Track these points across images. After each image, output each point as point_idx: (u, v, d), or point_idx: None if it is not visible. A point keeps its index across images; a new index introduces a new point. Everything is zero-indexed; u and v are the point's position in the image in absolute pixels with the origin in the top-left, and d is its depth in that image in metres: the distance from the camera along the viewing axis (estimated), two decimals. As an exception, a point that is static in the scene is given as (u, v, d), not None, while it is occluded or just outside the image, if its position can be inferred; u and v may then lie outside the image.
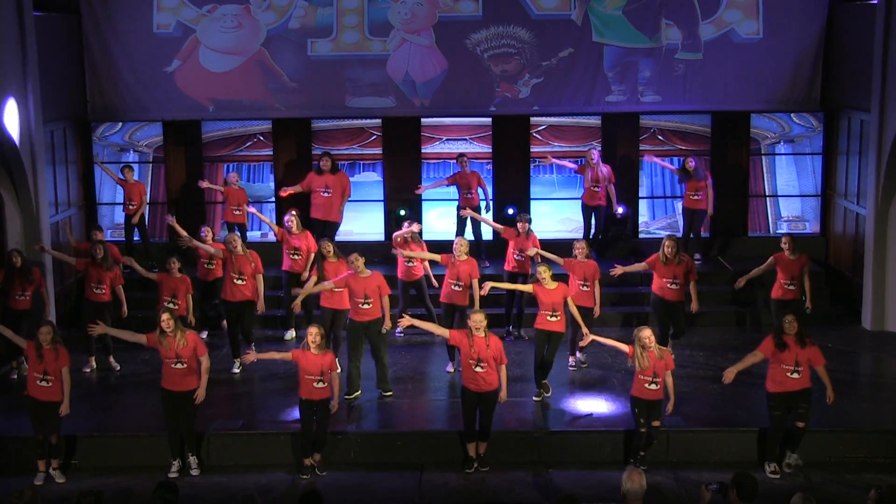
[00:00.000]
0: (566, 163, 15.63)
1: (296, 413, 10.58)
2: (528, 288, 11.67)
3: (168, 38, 15.76)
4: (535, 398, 11.51)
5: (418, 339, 13.67)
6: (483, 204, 15.25)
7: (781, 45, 15.69)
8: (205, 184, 15.29)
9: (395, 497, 9.82)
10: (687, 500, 9.65)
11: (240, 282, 12.34)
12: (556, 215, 16.34)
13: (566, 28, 15.78)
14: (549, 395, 11.56)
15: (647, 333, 9.96)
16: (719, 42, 15.75)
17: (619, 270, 12.54)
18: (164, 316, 10.09)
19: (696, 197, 15.18)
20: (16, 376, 12.46)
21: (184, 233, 13.26)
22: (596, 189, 15.20)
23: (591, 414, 11.15)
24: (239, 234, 14.44)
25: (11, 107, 13.00)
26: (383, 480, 10.14)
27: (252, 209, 14.76)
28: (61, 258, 13.41)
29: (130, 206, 15.14)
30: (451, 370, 12.41)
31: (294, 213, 13.57)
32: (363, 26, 15.79)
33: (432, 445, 10.63)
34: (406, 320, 10.53)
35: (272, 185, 16.19)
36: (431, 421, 11.25)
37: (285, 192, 14.95)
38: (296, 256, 13.34)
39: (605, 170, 15.20)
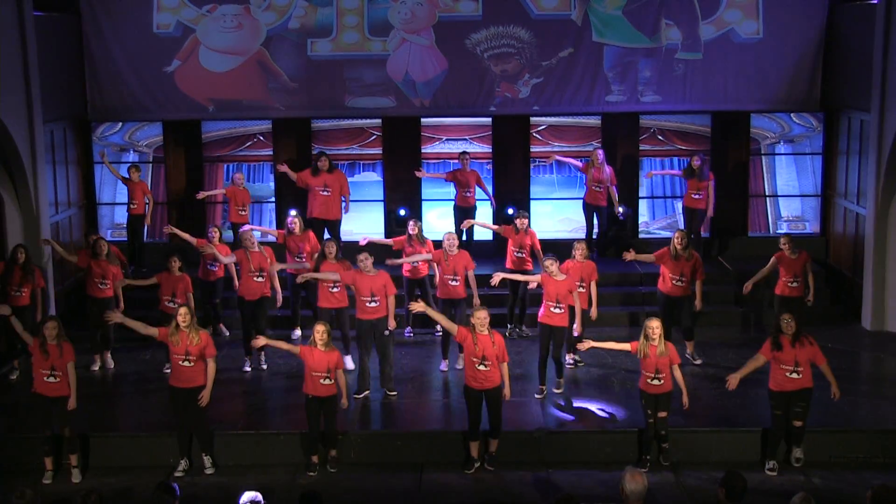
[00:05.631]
0: (571, 160, 15.63)
1: (297, 413, 10.59)
2: (536, 278, 11.71)
3: (168, 38, 15.76)
4: (536, 395, 11.52)
5: (419, 339, 13.67)
6: (488, 203, 15.27)
7: (781, 45, 15.69)
8: (202, 194, 15.26)
9: (395, 497, 9.83)
10: (687, 501, 9.65)
11: (259, 279, 12.36)
12: (556, 215, 16.34)
13: (566, 28, 15.78)
14: (559, 391, 11.60)
15: (654, 324, 10.02)
16: (719, 42, 15.75)
17: (630, 255, 12.57)
18: (182, 311, 10.09)
19: (696, 196, 15.16)
20: (15, 377, 12.46)
21: (191, 238, 13.27)
22: (598, 189, 15.22)
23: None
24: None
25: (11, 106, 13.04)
26: (383, 480, 10.14)
27: (249, 226, 14.20)
28: (64, 254, 13.31)
29: (132, 206, 15.14)
30: (445, 369, 12.43)
31: (295, 213, 13.57)
32: (363, 26, 15.79)
33: (432, 445, 10.63)
34: (419, 305, 10.50)
35: (272, 185, 16.22)
36: (431, 421, 11.24)
37: (283, 167, 14.95)
38: (298, 258, 13.32)
39: (608, 171, 15.23)
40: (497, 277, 11.94)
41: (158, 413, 11.28)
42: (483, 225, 14.42)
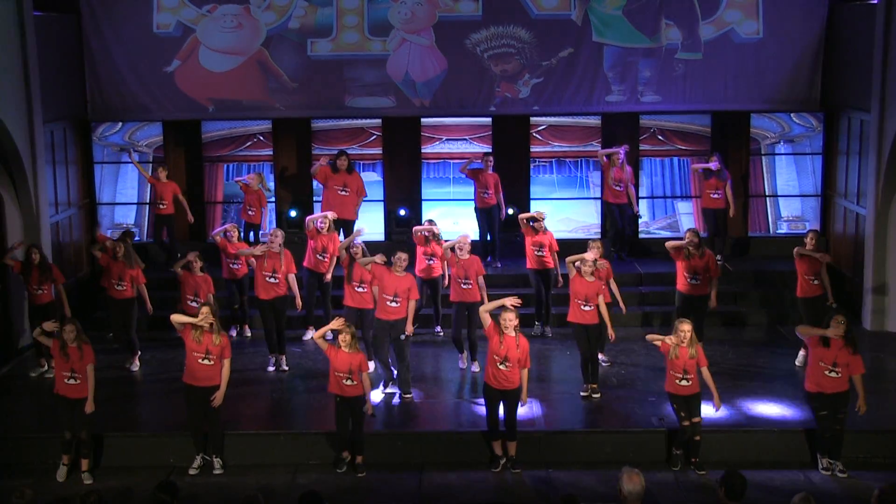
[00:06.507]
0: (603, 154, 15.34)
1: (297, 414, 10.64)
2: (571, 272, 11.69)
3: (168, 38, 15.75)
4: (582, 394, 11.58)
5: (419, 339, 13.65)
6: (504, 207, 15.20)
7: (781, 45, 15.69)
8: (252, 178, 15.20)
9: (395, 497, 9.83)
10: (687, 501, 9.65)
11: (272, 280, 12.36)
12: (555, 215, 16.30)
13: (566, 28, 15.77)
14: (598, 396, 11.57)
15: (685, 328, 10.02)
16: (719, 42, 15.74)
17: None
18: (205, 310, 10.06)
19: (715, 196, 15.13)
20: (33, 374, 12.50)
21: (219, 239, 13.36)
22: (618, 188, 15.21)
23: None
24: (252, 235, 14.60)
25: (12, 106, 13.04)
26: (383, 480, 10.15)
27: (330, 215, 13.81)
28: (100, 251, 13.14)
29: (161, 206, 15.12)
30: (464, 366, 12.57)
31: (330, 215, 13.49)
32: (363, 26, 15.78)
33: (432, 445, 10.63)
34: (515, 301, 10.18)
35: (272, 185, 16.21)
36: (432, 421, 11.23)
37: (326, 158, 14.80)
38: (321, 257, 13.30)
39: (629, 170, 15.24)
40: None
41: (159, 413, 11.28)
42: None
